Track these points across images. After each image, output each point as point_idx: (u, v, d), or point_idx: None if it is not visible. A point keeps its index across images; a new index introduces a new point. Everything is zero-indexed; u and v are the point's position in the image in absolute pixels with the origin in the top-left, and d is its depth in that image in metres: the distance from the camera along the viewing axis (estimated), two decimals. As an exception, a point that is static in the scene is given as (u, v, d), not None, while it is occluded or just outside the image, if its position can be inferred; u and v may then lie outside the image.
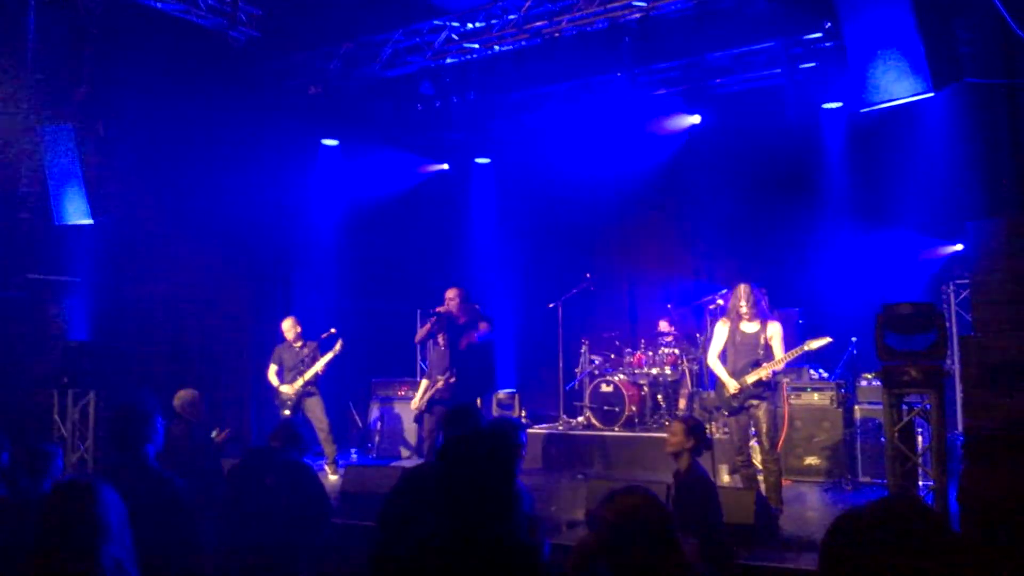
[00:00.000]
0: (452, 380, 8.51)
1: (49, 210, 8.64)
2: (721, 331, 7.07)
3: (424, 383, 8.87)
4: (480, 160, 13.25)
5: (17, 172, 8.78)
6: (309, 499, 4.36)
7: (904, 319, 5.27)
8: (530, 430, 10.43)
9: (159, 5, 8.70)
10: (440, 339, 8.72)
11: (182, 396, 7.24)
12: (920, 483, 5.44)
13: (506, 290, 12.31)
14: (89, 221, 8.60)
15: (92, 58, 8.65)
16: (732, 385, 6.84)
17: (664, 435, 5.55)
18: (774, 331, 6.86)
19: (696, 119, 11.21)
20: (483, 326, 8.67)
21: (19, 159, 8.74)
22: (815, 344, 6.80)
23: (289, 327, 9.38)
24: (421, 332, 8.90)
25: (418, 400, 8.77)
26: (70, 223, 8.66)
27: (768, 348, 6.83)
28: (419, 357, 12.39)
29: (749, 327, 6.92)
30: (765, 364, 6.75)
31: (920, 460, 5.42)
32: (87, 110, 8.81)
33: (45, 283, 8.95)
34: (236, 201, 10.00)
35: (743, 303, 6.88)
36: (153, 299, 9.54)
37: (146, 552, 2.81)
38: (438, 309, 8.58)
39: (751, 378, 6.77)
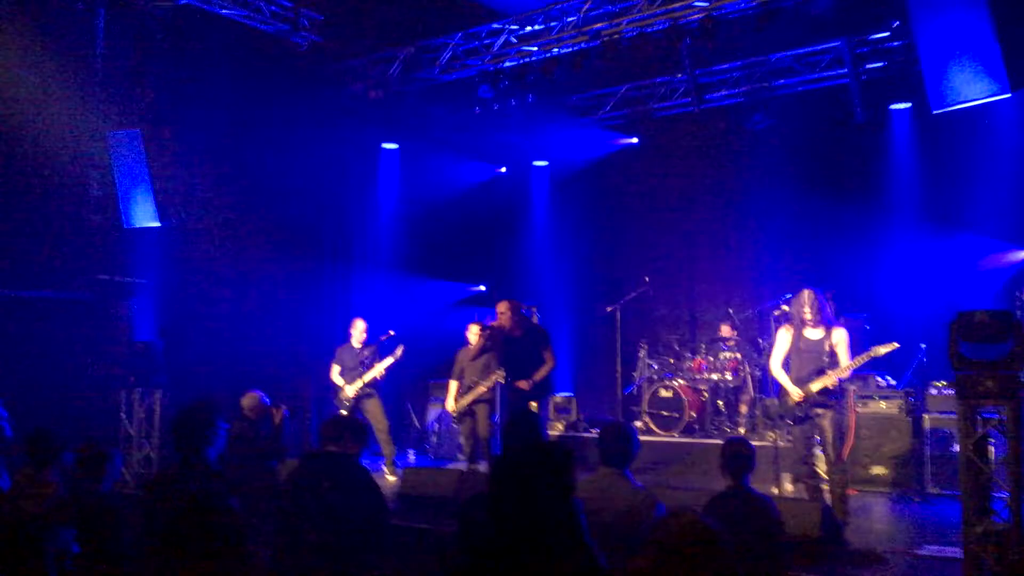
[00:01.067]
0: (501, 381, 8.35)
1: (118, 213, 8.86)
2: (784, 338, 6.89)
3: (455, 384, 8.68)
4: (538, 163, 13.22)
5: (87, 176, 9.01)
6: (367, 504, 4.36)
7: (979, 327, 5.07)
8: (587, 434, 10.37)
9: (223, 12, 8.86)
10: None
11: (249, 398, 7.39)
12: (994, 495, 5.24)
13: (564, 293, 12.26)
14: (156, 224, 8.80)
15: (158, 64, 8.83)
16: (796, 393, 6.65)
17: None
18: (839, 338, 6.66)
19: (757, 121, 11.02)
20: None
21: (89, 163, 8.97)
22: (882, 350, 6.56)
23: (360, 330, 9.42)
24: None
25: (453, 403, 8.63)
26: (138, 226, 8.86)
27: (833, 355, 6.64)
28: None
29: (813, 333, 6.74)
30: (830, 371, 6.57)
31: (993, 472, 5.22)
32: (154, 115, 9.01)
33: (113, 284, 9.19)
34: (298, 204, 10.16)
35: (807, 309, 6.69)
36: (218, 300, 9.72)
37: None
38: (491, 324, 8.41)
39: (816, 386, 6.58)
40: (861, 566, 5.59)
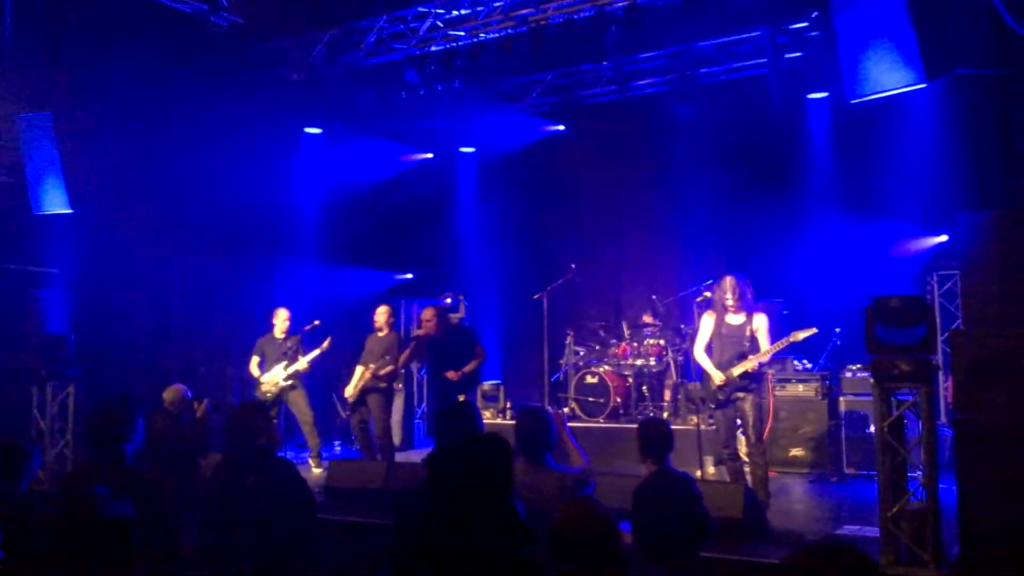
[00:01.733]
0: (389, 368, 8.41)
1: (27, 199, 8.50)
2: (707, 323, 7.03)
3: (359, 370, 8.61)
4: (465, 149, 13.16)
5: (-5, 161, 8.63)
6: (293, 499, 4.28)
7: (894, 312, 5.23)
8: (513, 421, 10.38)
9: (139, -9, 8.55)
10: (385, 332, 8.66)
11: (171, 391, 7.22)
12: (908, 475, 5.42)
13: (492, 281, 12.25)
14: (68, 210, 8.47)
15: (71, 44, 8.49)
16: (718, 377, 6.80)
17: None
18: (760, 323, 6.84)
19: (679, 109, 11.14)
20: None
21: (-2, 148, 8.60)
22: (801, 335, 6.77)
23: (283, 319, 9.22)
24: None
25: (353, 388, 8.56)
26: (49, 212, 8.52)
27: (754, 340, 6.81)
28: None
29: (735, 319, 6.90)
30: (751, 356, 6.73)
31: (909, 454, 5.40)
32: (66, 98, 8.66)
33: (23, 273, 8.82)
34: (218, 189, 9.86)
35: (729, 295, 6.84)
36: (134, 289, 9.41)
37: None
38: (416, 333, 8.40)
39: (737, 370, 6.74)
40: (781, 546, 5.72)
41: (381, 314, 8.78)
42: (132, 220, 9.30)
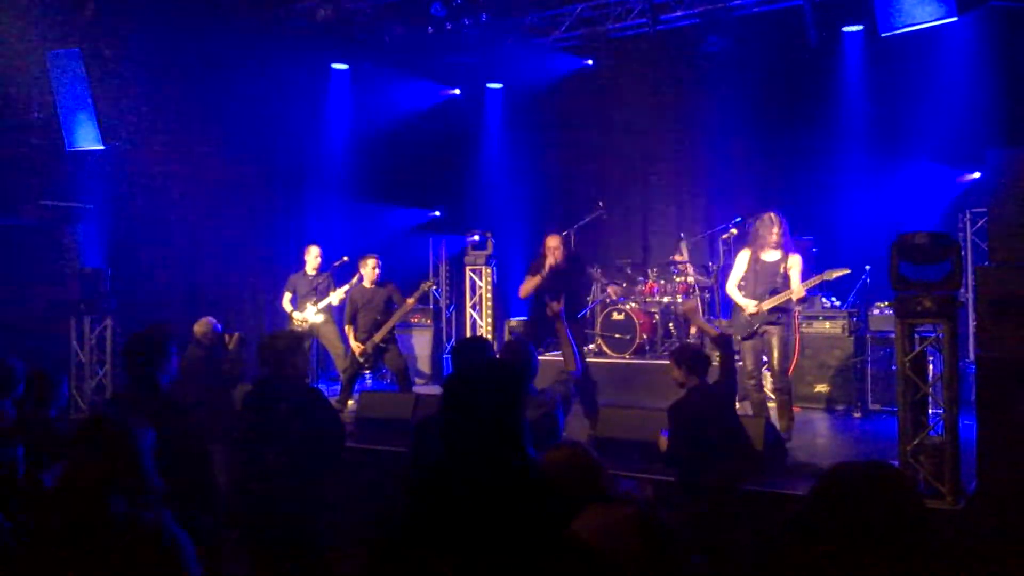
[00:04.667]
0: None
1: (60, 136, 8.61)
2: (742, 259, 7.08)
3: (350, 329, 8.58)
4: (492, 85, 13.05)
5: (28, 99, 8.73)
6: (322, 425, 4.41)
7: (919, 249, 5.21)
8: (541, 358, 10.48)
9: (165, -75, 8.51)
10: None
11: (202, 324, 7.34)
12: (930, 411, 5.46)
13: (518, 218, 12.25)
14: (100, 147, 8.58)
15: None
16: (751, 305, 6.85)
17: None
18: (794, 263, 6.88)
19: (710, 43, 10.93)
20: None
21: (30, 85, 8.67)
22: (835, 274, 6.87)
23: (314, 256, 9.32)
24: (529, 286, 8.12)
25: (358, 344, 8.53)
26: (81, 149, 8.63)
27: (787, 278, 6.86)
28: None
29: (771, 256, 6.94)
30: (783, 292, 6.79)
31: (931, 390, 5.43)
32: (95, 34, 8.69)
33: (58, 209, 8.99)
34: (247, 125, 9.92)
35: (775, 229, 6.86)
36: (167, 224, 9.56)
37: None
38: (548, 263, 7.94)
39: (768, 304, 6.80)
40: (802, 478, 5.81)
41: (374, 267, 8.63)
42: (163, 156, 9.40)
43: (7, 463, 3.18)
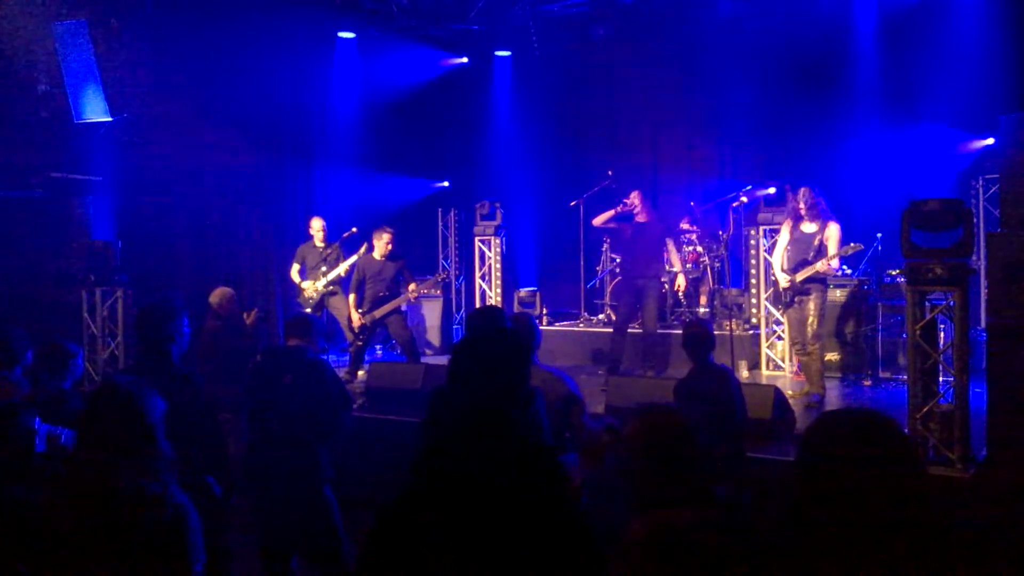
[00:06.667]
0: (412, 299, 8.57)
1: (68, 108, 8.60)
2: (784, 231, 7.57)
3: (352, 298, 8.59)
4: (501, 53, 12.94)
5: (36, 71, 8.71)
6: (327, 396, 4.44)
7: (930, 215, 5.18)
8: (551, 327, 10.52)
9: None
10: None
11: (218, 294, 7.34)
12: (940, 379, 5.45)
13: (527, 187, 12.21)
14: (108, 118, 8.57)
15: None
16: (783, 279, 7.42)
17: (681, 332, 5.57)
18: (831, 232, 7.27)
19: (722, 7, 10.78)
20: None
21: (37, 58, 8.65)
22: (848, 251, 7.31)
23: (318, 227, 9.35)
24: (604, 216, 8.94)
25: (358, 316, 8.54)
26: (89, 120, 8.62)
27: (822, 248, 7.24)
28: (440, 256, 12.45)
29: (809, 227, 7.37)
30: (814, 263, 7.19)
31: (941, 357, 5.41)
32: (100, 4, 8.65)
33: (67, 181, 8.99)
34: (254, 95, 9.85)
35: (801, 204, 7.31)
36: (175, 195, 9.56)
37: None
38: (625, 202, 8.69)
39: (800, 276, 7.26)
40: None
41: (388, 242, 8.58)
42: (168, 126, 9.37)
43: (23, 434, 3.21)
